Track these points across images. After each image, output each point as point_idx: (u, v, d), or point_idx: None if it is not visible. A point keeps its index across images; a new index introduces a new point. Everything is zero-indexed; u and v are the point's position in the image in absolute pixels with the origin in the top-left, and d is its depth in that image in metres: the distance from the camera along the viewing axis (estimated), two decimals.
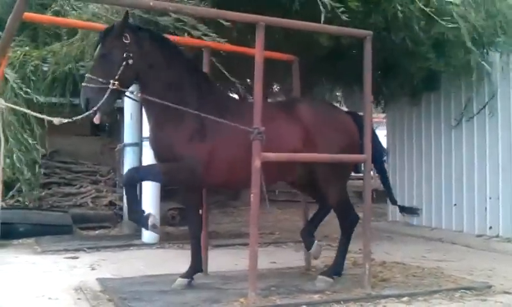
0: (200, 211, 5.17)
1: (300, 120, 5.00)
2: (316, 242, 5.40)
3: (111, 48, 4.45)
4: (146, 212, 4.68)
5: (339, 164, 5.06)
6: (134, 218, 4.68)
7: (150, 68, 4.61)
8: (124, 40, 4.46)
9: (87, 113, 4.32)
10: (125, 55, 4.44)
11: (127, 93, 4.74)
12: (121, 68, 4.40)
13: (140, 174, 4.96)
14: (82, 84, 4.46)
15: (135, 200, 4.73)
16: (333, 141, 5.01)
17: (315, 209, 5.58)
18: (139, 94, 4.68)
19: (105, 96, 4.28)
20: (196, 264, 5.05)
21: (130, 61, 4.46)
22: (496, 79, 7.67)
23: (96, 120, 4.34)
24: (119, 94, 4.57)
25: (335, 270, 5.26)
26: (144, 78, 4.61)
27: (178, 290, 4.82)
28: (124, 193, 4.97)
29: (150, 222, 4.54)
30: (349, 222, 5.29)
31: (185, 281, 4.93)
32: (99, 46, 4.55)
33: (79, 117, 4.39)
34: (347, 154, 5.05)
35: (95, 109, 4.27)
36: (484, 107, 7.81)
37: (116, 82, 4.35)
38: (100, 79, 4.32)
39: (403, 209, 5.95)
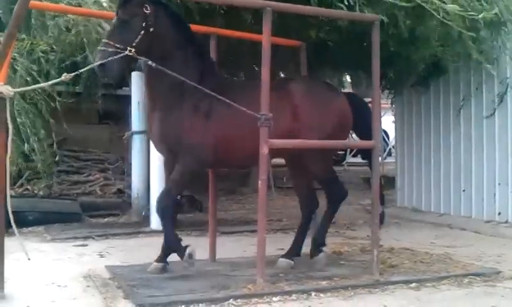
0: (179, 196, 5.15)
1: (290, 98, 4.99)
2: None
3: (130, 15, 4.51)
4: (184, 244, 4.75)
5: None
6: (172, 248, 4.78)
7: (164, 43, 4.67)
8: (144, 10, 4.51)
9: (95, 64, 4.41)
10: (144, 24, 4.50)
11: (142, 62, 4.72)
12: (140, 36, 4.47)
13: (171, 197, 4.86)
14: (99, 47, 4.51)
15: (172, 232, 4.80)
16: (322, 119, 4.99)
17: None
18: (153, 64, 4.57)
19: (119, 56, 4.33)
20: (171, 245, 4.92)
21: (151, 29, 4.53)
22: (505, 66, 7.58)
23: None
24: (133, 61, 4.62)
25: (318, 241, 5.30)
26: (158, 52, 4.64)
27: (186, 276, 4.83)
28: (161, 225, 4.98)
29: (187, 251, 4.66)
30: (336, 194, 5.29)
31: (160, 265, 4.95)
32: (118, 12, 4.57)
33: (86, 68, 4.54)
34: (337, 133, 5.03)
35: (103, 61, 4.33)
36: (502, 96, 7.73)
37: (133, 49, 4.40)
38: (117, 45, 4.37)
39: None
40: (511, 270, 5.28)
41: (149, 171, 7.86)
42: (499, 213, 7.71)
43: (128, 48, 4.39)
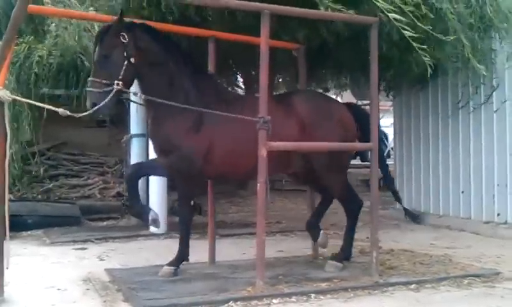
0: (192, 202, 5.18)
1: (297, 114, 5.02)
2: (322, 232, 5.42)
3: (110, 49, 4.49)
4: (147, 207, 4.79)
5: (337, 153, 5.08)
6: (135, 213, 4.78)
7: (149, 64, 4.68)
8: (122, 40, 4.49)
9: (91, 111, 4.41)
10: (125, 54, 4.49)
11: (132, 96, 4.80)
12: (124, 67, 4.46)
13: (142, 170, 5.07)
14: (87, 88, 4.50)
15: (136, 196, 4.82)
16: (329, 134, 5.02)
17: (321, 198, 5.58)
18: (140, 95, 4.72)
19: (110, 96, 4.35)
20: (184, 253, 5.06)
21: (132, 60, 4.52)
22: (503, 66, 7.59)
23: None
24: (122, 93, 4.59)
25: (344, 255, 5.32)
26: (144, 75, 4.68)
27: (186, 279, 4.84)
28: (126, 189, 5.10)
29: (150, 216, 4.67)
30: (353, 208, 5.34)
31: (172, 269, 4.95)
32: (97, 48, 4.57)
33: (84, 114, 4.46)
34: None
35: (97, 108, 4.36)
36: (491, 95, 7.75)
37: (120, 82, 4.42)
38: (104, 81, 4.38)
39: (407, 212, 5.93)
40: (511, 271, 5.29)
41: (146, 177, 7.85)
42: (498, 214, 7.71)
43: (116, 82, 4.40)
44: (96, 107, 4.37)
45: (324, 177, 5.20)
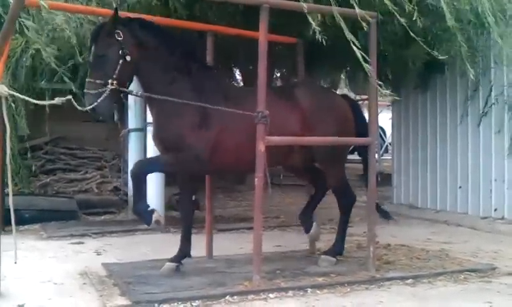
0: (193, 197, 5.17)
1: (298, 105, 5.02)
2: (315, 224, 5.42)
3: (105, 48, 4.38)
4: (151, 207, 4.65)
5: (337, 146, 5.10)
6: (139, 212, 4.67)
7: (147, 60, 4.56)
8: (117, 37, 4.38)
9: (88, 108, 4.32)
10: (120, 52, 4.38)
11: (132, 92, 4.72)
12: (119, 66, 4.35)
13: (148, 166, 4.93)
14: (84, 90, 4.43)
15: (141, 193, 4.72)
16: (329, 126, 5.03)
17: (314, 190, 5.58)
18: (140, 92, 4.68)
19: (103, 96, 4.25)
20: (186, 248, 5.02)
21: (128, 58, 4.41)
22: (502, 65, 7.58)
23: (121, 136, 4.34)
24: (120, 93, 4.47)
25: (336, 249, 5.33)
26: (143, 72, 4.58)
27: (183, 273, 4.85)
28: (131, 186, 4.95)
29: (154, 218, 4.56)
30: (346, 202, 5.36)
31: (174, 265, 4.91)
32: (92, 47, 4.46)
33: (83, 108, 4.36)
34: (341, 135, 5.08)
35: (90, 107, 4.27)
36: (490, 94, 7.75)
37: (115, 82, 4.30)
38: (98, 81, 4.29)
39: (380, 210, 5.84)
40: (507, 266, 5.30)
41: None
42: (495, 210, 7.73)
43: (110, 81, 4.29)
44: (89, 107, 4.28)
45: (323, 166, 5.24)
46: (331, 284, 4.56)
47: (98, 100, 4.26)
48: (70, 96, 4.26)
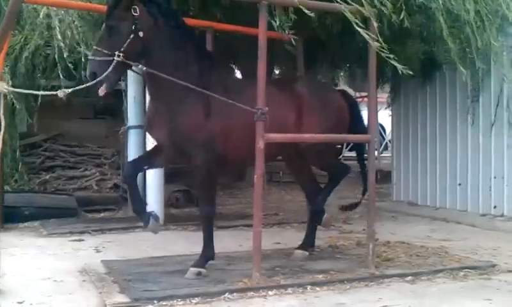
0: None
1: (294, 97, 5.03)
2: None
3: (118, 20, 4.36)
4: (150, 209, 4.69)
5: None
6: (136, 211, 4.70)
7: (158, 43, 4.53)
8: (133, 12, 4.37)
9: (91, 83, 4.25)
10: (133, 27, 4.36)
11: (133, 67, 4.65)
12: (129, 40, 4.32)
13: (140, 164, 5.00)
14: (89, 57, 4.42)
15: (137, 193, 4.76)
16: (323, 117, 5.05)
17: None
18: (144, 68, 4.55)
19: (110, 68, 4.21)
20: (210, 252, 4.82)
21: (141, 33, 4.38)
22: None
23: (101, 92, 4.28)
24: (125, 66, 4.48)
25: (317, 206, 5.34)
26: (152, 54, 4.52)
27: (182, 270, 4.81)
28: (126, 187, 4.98)
29: (150, 223, 4.61)
30: (339, 173, 5.43)
31: (197, 270, 4.67)
32: (106, 17, 4.45)
33: (83, 86, 4.34)
34: (336, 129, 5.12)
35: (100, 79, 4.20)
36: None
37: (122, 54, 4.26)
38: (106, 51, 4.26)
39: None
40: (507, 263, 5.30)
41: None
42: (495, 207, 7.73)
43: (116, 53, 4.24)
44: (100, 78, 4.21)
45: (312, 160, 5.32)
46: (331, 281, 4.56)
47: (108, 71, 4.19)
48: (71, 89, 4.24)
